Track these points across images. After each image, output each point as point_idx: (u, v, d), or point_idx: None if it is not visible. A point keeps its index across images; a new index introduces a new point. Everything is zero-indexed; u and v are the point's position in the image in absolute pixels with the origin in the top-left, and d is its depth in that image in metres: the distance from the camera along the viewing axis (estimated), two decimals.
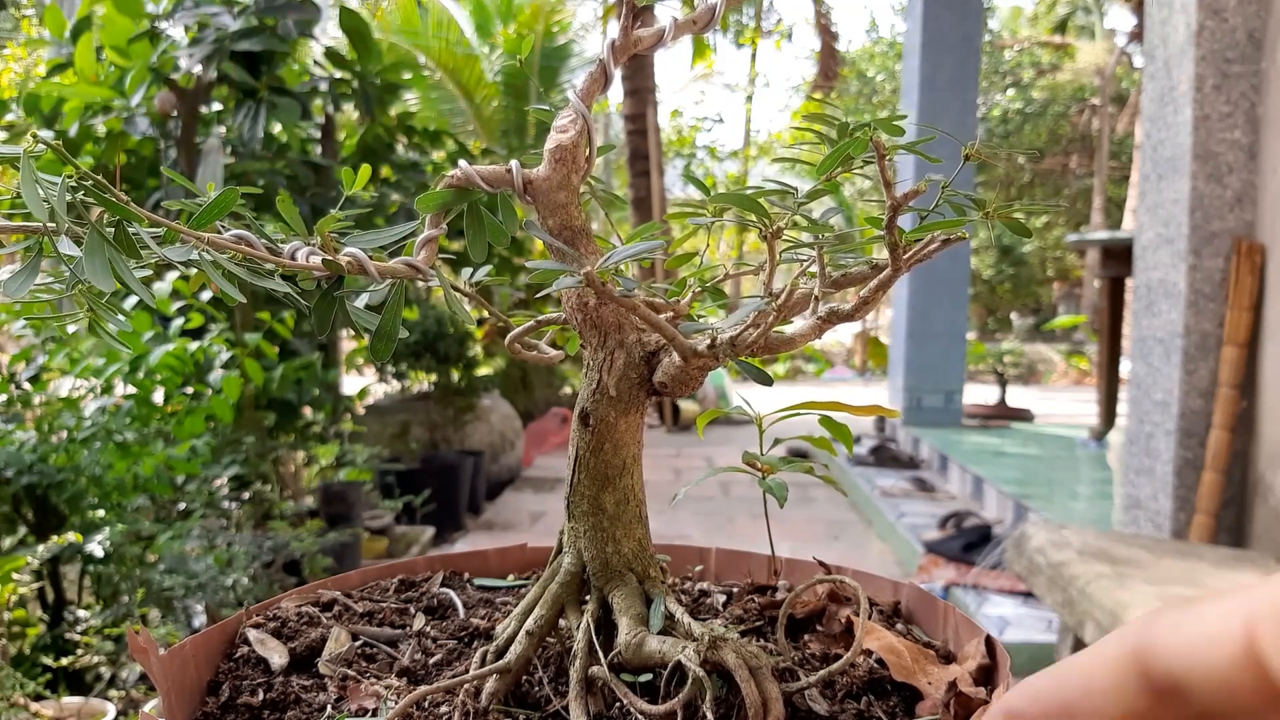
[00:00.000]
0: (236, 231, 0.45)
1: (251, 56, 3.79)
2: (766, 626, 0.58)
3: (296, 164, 4.15)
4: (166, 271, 2.70)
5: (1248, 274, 2.68)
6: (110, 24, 3.77)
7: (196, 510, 2.89)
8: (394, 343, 0.48)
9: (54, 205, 0.37)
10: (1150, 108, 3.01)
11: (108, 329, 0.44)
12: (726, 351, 0.46)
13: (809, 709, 0.48)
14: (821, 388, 12.39)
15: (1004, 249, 15.05)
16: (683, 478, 6.21)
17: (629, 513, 0.53)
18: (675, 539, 3.11)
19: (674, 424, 8.36)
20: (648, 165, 8.96)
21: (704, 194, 0.56)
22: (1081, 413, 8.63)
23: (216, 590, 2.46)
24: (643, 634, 0.49)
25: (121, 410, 2.63)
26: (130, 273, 0.39)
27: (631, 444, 0.53)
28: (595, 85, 0.52)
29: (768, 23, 18.06)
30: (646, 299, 0.50)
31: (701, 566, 0.69)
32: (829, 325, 0.46)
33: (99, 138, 3.94)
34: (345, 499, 4.00)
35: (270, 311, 3.51)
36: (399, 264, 0.47)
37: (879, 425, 7.08)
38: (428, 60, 8.66)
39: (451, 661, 0.55)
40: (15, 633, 2.25)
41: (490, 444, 5.75)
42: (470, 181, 0.49)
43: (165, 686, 0.49)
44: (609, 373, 0.51)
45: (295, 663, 0.55)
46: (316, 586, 0.64)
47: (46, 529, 2.39)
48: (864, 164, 0.47)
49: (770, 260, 0.46)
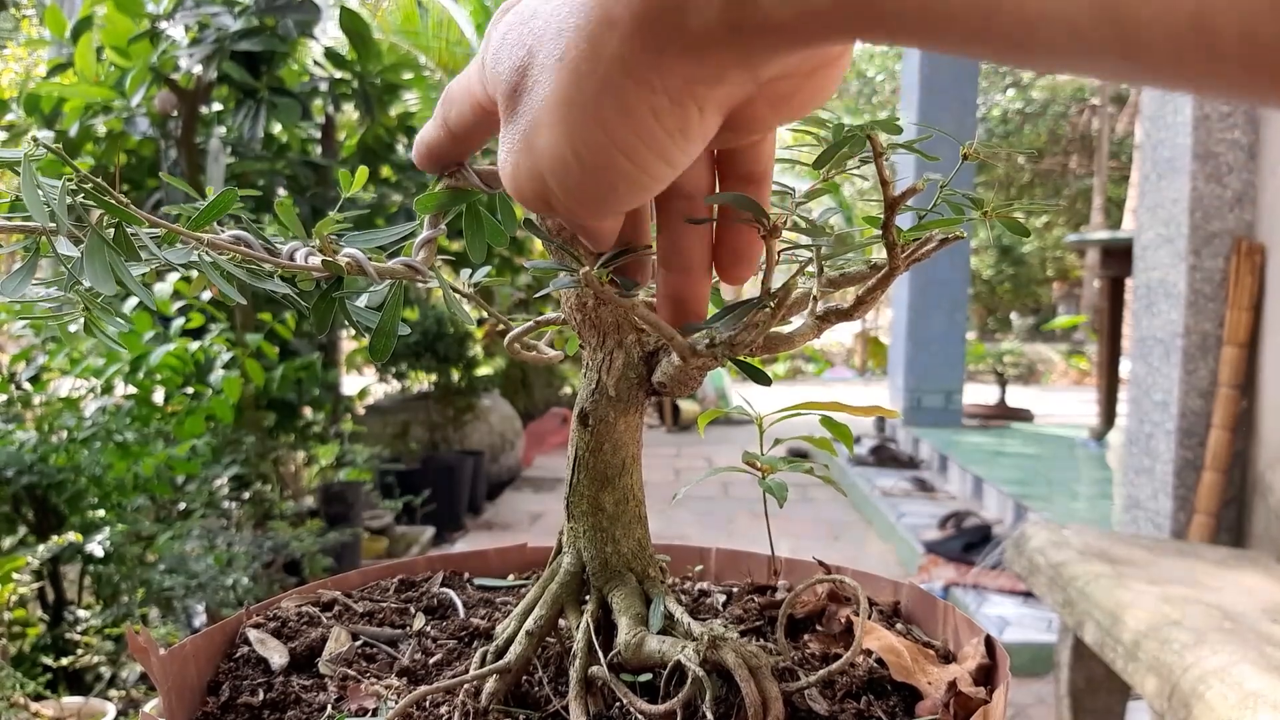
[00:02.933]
0: (234, 233, 0.45)
1: (252, 56, 3.79)
2: (766, 626, 0.58)
3: (296, 164, 4.16)
4: (168, 273, 2.70)
5: (1248, 274, 2.69)
6: (110, 24, 3.77)
7: (197, 510, 2.89)
8: (394, 340, 0.48)
9: (54, 208, 0.37)
10: (1150, 108, 3.01)
11: (105, 330, 0.44)
12: (725, 351, 0.46)
13: (809, 709, 0.48)
14: (821, 388, 12.39)
15: (1004, 249, 15.06)
16: (683, 477, 6.21)
17: (628, 513, 0.53)
18: (675, 539, 3.11)
19: (674, 424, 8.37)
20: None
21: None
22: (1081, 413, 8.63)
23: (216, 590, 2.46)
24: (642, 634, 0.49)
25: (122, 410, 2.63)
26: (130, 275, 0.39)
27: (631, 444, 0.53)
28: None
29: None
30: (645, 299, 0.50)
31: (701, 566, 0.69)
32: (828, 324, 0.46)
33: (99, 138, 3.94)
34: (345, 499, 4.00)
35: (271, 312, 3.51)
36: (398, 264, 0.47)
37: (879, 425, 7.08)
38: (428, 60, 8.65)
39: (451, 661, 0.55)
40: (15, 633, 2.25)
41: (490, 444, 5.75)
42: (467, 182, 0.49)
43: (165, 686, 0.49)
44: (608, 373, 0.51)
45: (295, 663, 0.55)
46: (316, 586, 0.64)
47: (46, 529, 2.39)
48: (861, 164, 0.47)
49: (768, 260, 0.46)
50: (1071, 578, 2.03)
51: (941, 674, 0.51)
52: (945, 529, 4.38)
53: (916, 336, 6.82)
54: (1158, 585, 1.89)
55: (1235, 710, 1.39)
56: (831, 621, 0.58)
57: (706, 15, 0.30)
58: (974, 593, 3.62)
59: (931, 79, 6.58)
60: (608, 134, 0.34)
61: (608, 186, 0.35)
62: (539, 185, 0.37)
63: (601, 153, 0.34)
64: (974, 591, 3.63)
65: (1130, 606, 1.79)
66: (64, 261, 0.38)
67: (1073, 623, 1.99)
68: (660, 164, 0.35)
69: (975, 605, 3.50)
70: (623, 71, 0.32)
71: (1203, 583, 1.92)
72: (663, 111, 0.33)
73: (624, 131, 0.33)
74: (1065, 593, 2.03)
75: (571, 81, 0.33)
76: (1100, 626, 1.85)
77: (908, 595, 0.62)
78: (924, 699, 0.50)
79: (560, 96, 0.34)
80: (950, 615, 0.58)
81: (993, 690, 0.48)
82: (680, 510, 5.16)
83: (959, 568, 3.86)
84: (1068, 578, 2.04)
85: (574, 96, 0.34)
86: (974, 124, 6.87)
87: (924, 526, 4.53)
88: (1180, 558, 2.12)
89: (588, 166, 0.35)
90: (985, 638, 0.53)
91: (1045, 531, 2.28)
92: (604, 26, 0.32)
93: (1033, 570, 2.21)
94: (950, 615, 0.58)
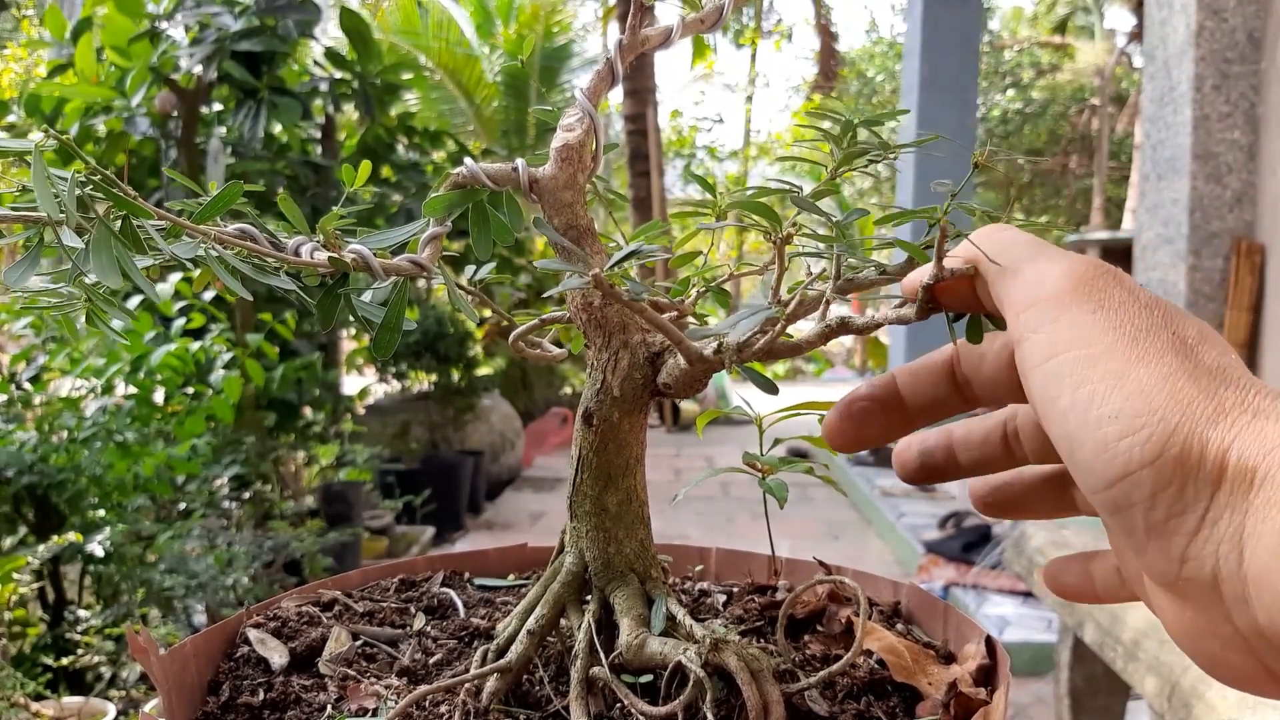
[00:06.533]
0: (240, 226, 0.45)
1: (252, 57, 3.79)
2: (766, 627, 0.58)
3: (297, 164, 4.15)
4: (170, 272, 2.70)
5: (1247, 274, 2.69)
6: (111, 24, 3.77)
7: (197, 510, 2.89)
8: (399, 336, 0.48)
9: (63, 199, 0.37)
10: (1150, 108, 3.01)
11: (108, 322, 0.44)
12: (732, 356, 0.46)
13: (809, 710, 0.48)
14: (822, 388, 12.39)
15: None
16: (683, 477, 6.21)
17: (631, 513, 0.53)
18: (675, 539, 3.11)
19: (674, 424, 8.36)
20: (648, 165, 8.96)
21: (710, 194, 0.56)
22: None
23: (216, 590, 2.46)
24: (644, 635, 0.49)
25: (122, 410, 2.63)
26: (135, 268, 0.39)
27: (635, 444, 0.53)
28: (602, 84, 0.52)
29: (768, 23, 18.07)
30: (651, 299, 0.50)
31: (702, 566, 0.69)
32: (837, 334, 0.46)
33: (100, 138, 3.94)
34: (345, 499, 4.00)
35: (271, 312, 3.51)
36: (403, 261, 0.47)
37: None
38: (428, 61, 8.65)
39: (452, 661, 0.55)
40: (16, 632, 2.25)
41: (490, 444, 5.75)
42: (476, 180, 0.49)
43: (165, 686, 0.49)
44: (613, 373, 0.51)
45: (295, 662, 0.55)
46: (317, 586, 0.64)
47: (47, 529, 2.39)
48: (869, 163, 0.47)
49: (779, 266, 0.45)
50: None
51: (942, 674, 0.51)
52: (945, 529, 4.38)
53: (916, 336, 6.82)
54: None
55: (1235, 710, 1.39)
56: (832, 622, 0.58)
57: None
58: (974, 593, 3.62)
59: (932, 79, 6.58)
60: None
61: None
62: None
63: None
64: (974, 591, 3.63)
65: (1130, 606, 1.79)
66: (69, 253, 0.38)
67: (1073, 623, 1.99)
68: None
69: (975, 605, 3.50)
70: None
71: None
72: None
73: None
74: None
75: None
76: (1100, 626, 1.85)
77: (908, 595, 0.62)
78: (924, 699, 0.50)
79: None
80: (950, 615, 0.57)
81: (993, 690, 0.48)
82: (681, 510, 5.16)
83: (959, 568, 3.85)
84: None
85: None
86: (974, 124, 6.87)
87: (924, 526, 4.53)
88: None
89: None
90: (985, 638, 0.53)
91: (1045, 531, 2.28)
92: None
93: (1033, 570, 2.21)
94: (950, 615, 0.57)
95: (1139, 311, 0.35)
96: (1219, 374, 0.33)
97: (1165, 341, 0.34)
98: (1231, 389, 0.33)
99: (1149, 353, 0.34)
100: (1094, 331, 0.35)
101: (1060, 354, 0.35)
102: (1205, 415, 0.32)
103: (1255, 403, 0.32)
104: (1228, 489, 0.31)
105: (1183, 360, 0.34)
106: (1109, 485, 0.33)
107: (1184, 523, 0.32)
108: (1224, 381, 0.33)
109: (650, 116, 8.95)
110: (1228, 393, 0.33)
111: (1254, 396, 0.33)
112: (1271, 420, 0.32)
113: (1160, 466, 0.32)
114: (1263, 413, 0.32)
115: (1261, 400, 0.33)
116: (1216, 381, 0.33)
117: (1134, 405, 0.33)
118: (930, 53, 6.56)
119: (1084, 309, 0.35)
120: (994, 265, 0.39)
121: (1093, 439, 0.33)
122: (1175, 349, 0.34)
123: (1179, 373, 0.33)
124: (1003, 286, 0.39)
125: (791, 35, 20.74)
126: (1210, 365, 0.34)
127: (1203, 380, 0.33)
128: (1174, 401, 0.32)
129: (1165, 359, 0.34)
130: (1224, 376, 0.33)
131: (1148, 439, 0.32)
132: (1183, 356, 0.34)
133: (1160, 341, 0.34)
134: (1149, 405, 0.33)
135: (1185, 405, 0.32)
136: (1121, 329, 0.34)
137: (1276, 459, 0.31)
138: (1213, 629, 0.33)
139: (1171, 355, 0.34)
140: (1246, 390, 0.33)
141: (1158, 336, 0.34)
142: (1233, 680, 0.34)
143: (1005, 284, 0.39)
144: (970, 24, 6.66)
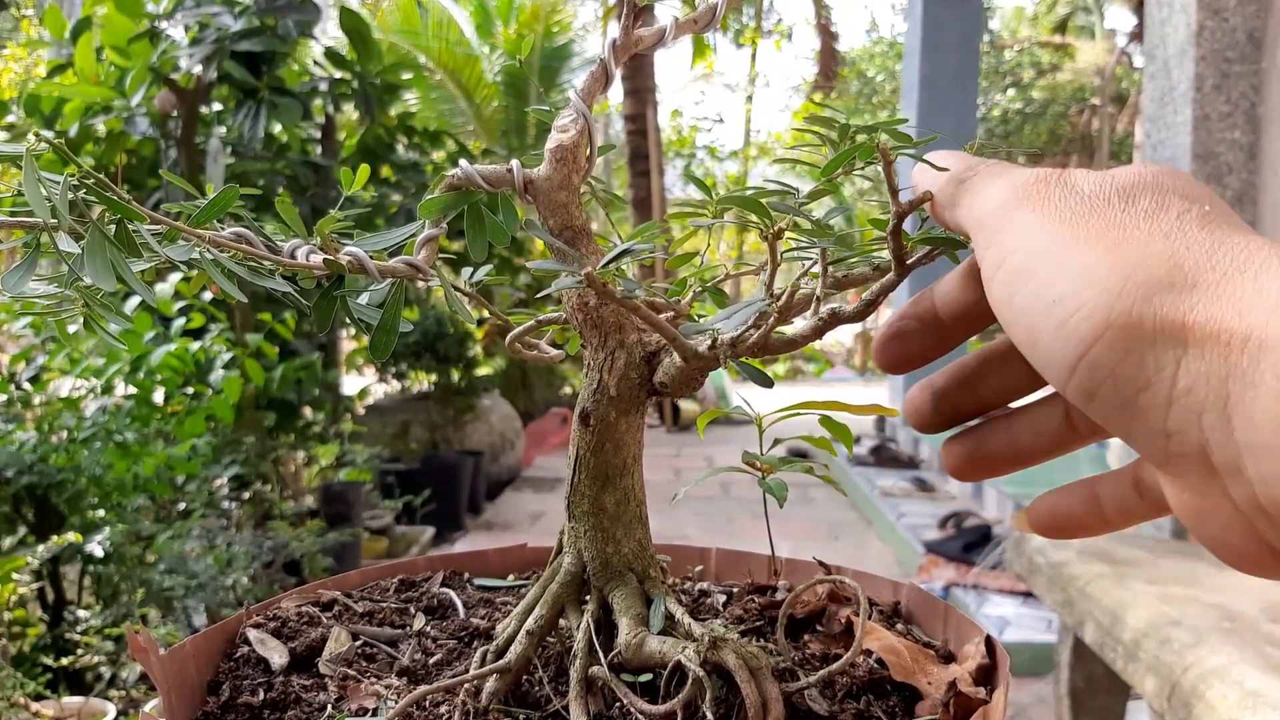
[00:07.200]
0: (235, 229, 0.45)
1: (252, 56, 3.79)
2: (766, 626, 0.58)
3: (296, 164, 4.16)
4: (169, 273, 2.71)
5: None
6: (110, 24, 3.77)
7: (196, 510, 2.89)
8: (395, 337, 0.48)
9: (56, 204, 0.37)
10: (1150, 108, 3.01)
11: (105, 326, 0.44)
12: (727, 353, 0.46)
13: (809, 709, 0.48)
14: (821, 387, 12.39)
15: None
16: (683, 477, 6.21)
17: (629, 513, 0.53)
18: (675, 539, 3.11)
19: (674, 424, 8.37)
20: (648, 165, 8.96)
21: (705, 194, 0.56)
22: None
23: (216, 590, 2.46)
24: (643, 634, 0.49)
25: (122, 410, 2.63)
26: (130, 271, 0.39)
27: (632, 444, 0.53)
28: (596, 84, 0.52)
29: (768, 23, 18.07)
30: (647, 299, 0.50)
31: (701, 566, 0.69)
32: (830, 327, 0.46)
33: (99, 138, 3.94)
34: (345, 499, 4.00)
35: (271, 312, 3.51)
36: (399, 263, 0.47)
37: (879, 425, 7.08)
38: (428, 60, 8.65)
39: (451, 661, 0.55)
40: (15, 633, 2.25)
41: (490, 444, 5.75)
42: (471, 181, 0.49)
43: (165, 686, 0.49)
44: (609, 373, 0.51)
45: (295, 662, 0.55)
46: (316, 586, 0.64)
47: (46, 529, 2.39)
48: (864, 165, 0.47)
49: (771, 261, 0.46)
50: (1071, 578, 2.03)
51: (941, 674, 0.51)
52: (945, 529, 4.38)
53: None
54: (1157, 585, 1.89)
55: (1235, 710, 1.39)
56: (832, 622, 0.58)
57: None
58: (974, 593, 3.62)
59: (932, 79, 6.58)
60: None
61: None
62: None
63: None
64: (974, 591, 3.63)
65: (1130, 606, 1.79)
66: (65, 257, 0.38)
67: (1073, 623, 1.99)
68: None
69: (975, 605, 3.50)
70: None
71: (1203, 583, 1.92)
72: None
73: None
74: (1065, 593, 2.03)
75: None
76: (1100, 626, 1.85)
77: (908, 595, 0.62)
78: (924, 699, 0.50)
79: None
80: (950, 615, 0.57)
81: (993, 690, 0.48)
82: (681, 510, 5.16)
83: (959, 568, 3.85)
84: (1068, 578, 2.04)
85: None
86: (974, 124, 6.87)
87: (924, 526, 4.53)
88: (1180, 558, 2.11)
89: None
90: (985, 638, 0.53)
91: None
92: None
93: (1033, 570, 2.21)
94: (950, 615, 0.57)
95: (1079, 201, 0.35)
96: (1178, 236, 0.32)
97: (1110, 219, 0.34)
98: (1195, 249, 0.32)
99: (1091, 233, 0.33)
100: (1035, 229, 0.35)
101: (1008, 258, 0.35)
102: (1155, 280, 0.31)
103: (1225, 260, 0.31)
104: (1197, 353, 0.30)
105: (1130, 232, 0.33)
106: (1071, 371, 0.33)
107: (1155, 395, 0.31)
108: (1185, 243, 0.32)
109: (650, 116, 8.95)
110: (1189, 254, 0.32)
111: (1224, 253, 0.31)
112: (1248, 277, 0.30)
113: (1111, 339, 0.31)
114: (1234, 270, 0.31)
115: (1234, 256, 0.31)
116: (1174, 244, 0.32)
117: (1075, 284, 0.32)
118: (930, 53, 6.56)
119: (1026, 212, 0.35)
120: (949, 191, 0.40)
121: (1046, 329, 0.33)
122: (1123, 224, 0.33)
123: (1125, 242, 0.33)
124: (958, 211, 0.40)
125: (791, 35, 20.74)
126: (1166, 230, 0.33)
127: (1155, 245, 0.32)
128: (1115, 272, 0.32)
129: (1108, 234, 0.33)
130: (1184, 238, 0.32)
131: (1091, 312, 0.32)
132: (1130, 229, 0.33)
133: (1103, 220, 0.34)
134: (1088, 279, 0.32)
135: (1128, 272, 0.32)
136: (1062, 219, 0.34)
137: (1256, 318, 0.29)
138: (1212, 508, 0.32)
139: (1116, 230, 0.33)
140: (1215, 249, 0.32)
141: (1100, 216, 0.34)
142: (1239, 563, 0.33)
143: (959, 208, 0.40)
144: (970, 24, 6.66)
